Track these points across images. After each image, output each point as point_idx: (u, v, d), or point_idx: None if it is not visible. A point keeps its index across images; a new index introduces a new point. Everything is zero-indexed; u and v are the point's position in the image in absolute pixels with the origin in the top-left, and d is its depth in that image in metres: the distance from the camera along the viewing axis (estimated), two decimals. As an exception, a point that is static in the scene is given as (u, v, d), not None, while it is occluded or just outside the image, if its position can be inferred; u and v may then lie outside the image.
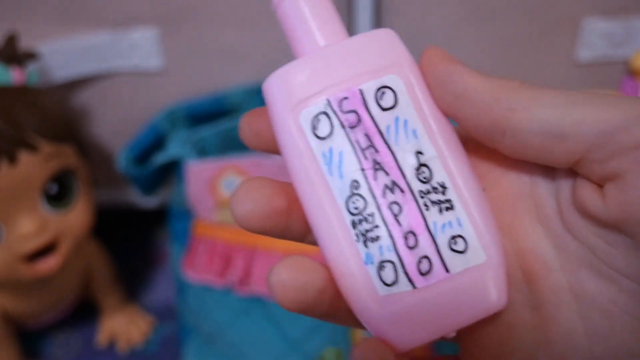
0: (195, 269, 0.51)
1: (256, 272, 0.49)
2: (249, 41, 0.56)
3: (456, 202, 0.19)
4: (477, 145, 0.21)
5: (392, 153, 0.19)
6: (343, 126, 0.19)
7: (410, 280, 0.19)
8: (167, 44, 0.56)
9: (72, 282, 0.57)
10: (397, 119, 0.19)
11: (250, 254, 0.50)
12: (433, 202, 0.19)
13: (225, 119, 0.56)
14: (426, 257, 0.19)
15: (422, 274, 0.19)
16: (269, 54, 0.57)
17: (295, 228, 0.20)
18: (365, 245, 0.19)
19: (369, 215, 0.19)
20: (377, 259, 0.19)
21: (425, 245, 0.19)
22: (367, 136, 0.19)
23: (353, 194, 0.19)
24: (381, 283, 0.19)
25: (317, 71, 0.20)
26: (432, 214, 0.19)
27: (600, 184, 0.18)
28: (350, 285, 0.19)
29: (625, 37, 0.55)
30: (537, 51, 0.56)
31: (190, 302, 0.54)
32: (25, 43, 0.52)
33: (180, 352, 0.58)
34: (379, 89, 0.20)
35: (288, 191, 0.20)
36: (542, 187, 0.20)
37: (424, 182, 0.19)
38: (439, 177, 0.19)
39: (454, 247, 0.19)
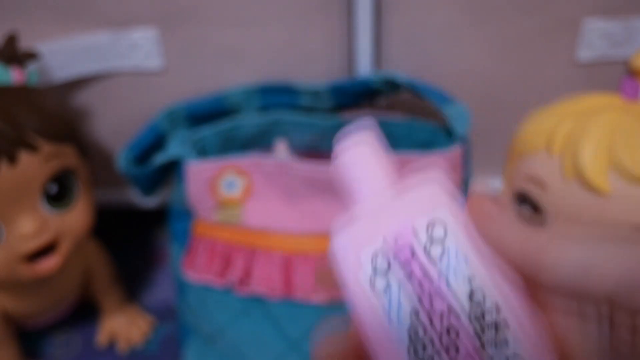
0: (195, 269, 0.51)
1: (256, 272, 0.49)
2: (249, 41, 0.56)
3: (511, 339, 0.20)
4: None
5: (446, 279, 0.21)
6: (399, 262, 0.21)
7: None
8: (167, 44, 0.56)
9: (72, 282, 0.57)
10: (447, 248, 0.21)
11: (250, 254, 0.50)
12: (490, 340, 0.20)
13: (225, 119, 0.56)
14: None
15: None
16: (269, 54, 0.57)
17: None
18: None
19: (427, 338, 0.20)
20: None
21: None
22: (422, 267, 0.21)
23: (412, 322, 0.21)
24: None
25: (374, 217, 0.22)
26: (489, 351, 0.20)
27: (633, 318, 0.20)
28: None
29: (625, 37, 0.55)
30: (538, 51, 0.56)
31: (190, 302, 0.54)
32: (25, 43, 0.52)
33: (180, 352, 0.58)
34: (430, 223, 0.22)
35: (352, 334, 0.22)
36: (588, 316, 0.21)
37: (477, 306, 0.20)
38: (491, 300, 0.20)
39: None
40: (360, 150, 0.24)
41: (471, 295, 0.20)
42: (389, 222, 0.22)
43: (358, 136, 0.24)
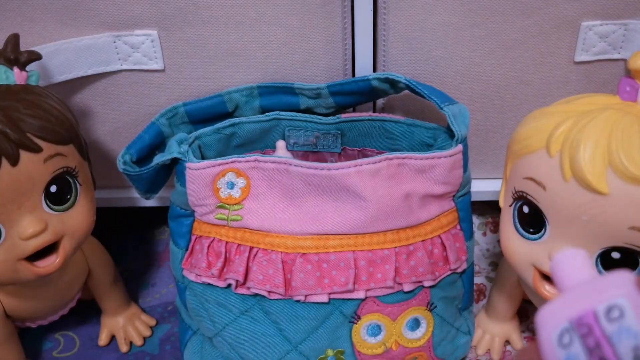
0: (195, 269, 0.51)
1: (256, 272, 0.49)
2: (249, 41, 0.56)
3: None
4: None
5: (614, 350, 0.27)
6: (579, 336, 0.28)
7: None
8: (167, 44, 0.56)
9: (72, 282, 0.57)
10: (620, 327, 0.27)
11: (250, 254, 0.50)
12: None
13: (225, 119, 0.56)
14: None
15: None
16: (268, 54, 0.57)
17: None
18: None
19: None
20: None
21: None
22: (597, 340, 0.28)
23: None
24: None
25: (568, 302, 0.30)
26: None
27: None
28: None
29: (624, 38, 0.55)
30: (537, 52, 0.56)
31: (190, 302, 0.54)
32: (26, 44, 0.52)
33: (180, 352, 0.58)
34: (608, 307, 0.28)
35: None
36: None
37: None
38: None
39: None
40: (579, 261, 0.34)
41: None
42: (578, 307, 0.29)
43: (579, 252, 0.35)
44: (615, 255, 0.42)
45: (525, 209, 0.46)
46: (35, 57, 0.51)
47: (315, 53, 0.57)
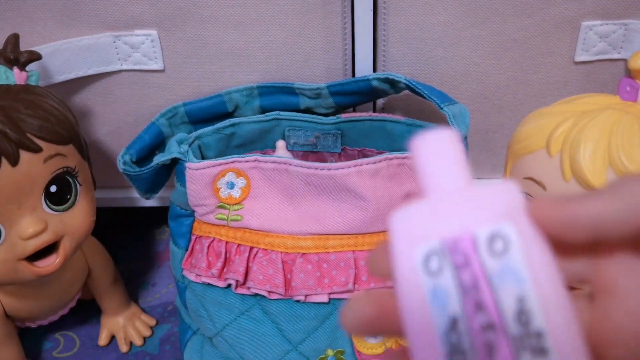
0: (195, 269, 0.51)
1: (256, 272, 0.49)
2: (249, 41, 0.56)
3: (550, 350, 0.20)
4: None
5: (495, 297, 0.20)
6: (451, 266, 0.21)
7: None
8: (167, 44, 0.56)
9: (72, 282, 0.57)
10: (504, 266, 0.21)
11: (250, 254, 0.50)
12: (528, 347, 0.20)
13: (225, 119, 0.56)
14: None
15: None
16: (268, 54, 0.57)
17: (395, 328, 0.23)
18: None
19: (463, 350, 0.20)
20: None
21: None
22: (473, 278, 0.21)
23: (452, 328, 0.20)
24: None
25: (437, 213, 0.22)
26: (525, 358, 0.20)
27: None
28: None
29: (624, 38, 0.55)
30: (537, 52, 0.56)
31: (190, 302, 0.54)
32: (26, 44, 0.52)
33: (180, 352, 0.58)
34: (491, 234, 0.21)
35: (382, 301, 0.23)
36: None
37: (522, 328, 0.20)
38: (537, 325, 0.20)
39: None
40: (441, 145, 0.23)
41: (518, 316, 0.20)
42: (451, 222, 0.22)
43: (442, 132, 0.24)
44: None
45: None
46: (35, 57, 0.51)
47: (315, 53, 0.57)
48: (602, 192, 0.21)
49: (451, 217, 0.22)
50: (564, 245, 0.22)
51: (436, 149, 0.23)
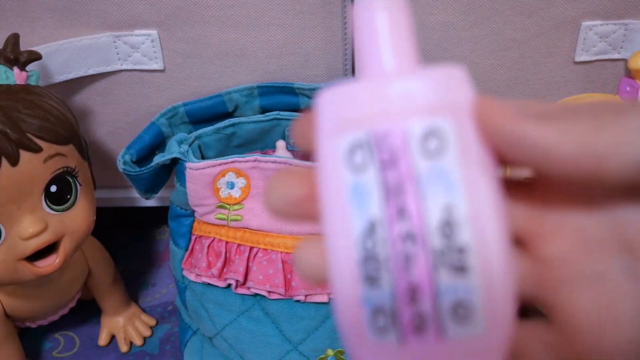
0: (195, 269, 0.51)
1: (256, 272, 0.49)
2: (249, 41, 0.56)
3: (473, 269, 0.18)
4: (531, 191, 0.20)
5: (421, 203, 0.18)
6: (377, 163, 0.18)
7: (400, 335, 0.18)
8: (167, 44, 0.56)
9: (72, 282, 0.57)
10: (436, 168, 0.18)
11: (250, 254, 0.50)
12: (448, 263, 0.18)
13: (225, 119, 0.56)
14: (424, 316, 0.18)
15: (415, 333, 0.18)
16: (268, 54, 0.57)
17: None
18: (367, 286, 0.18)
19: (378, 258, 0.18)
20: (374, 303, 0.18)
21: (426, 305, 0.18)
22: (399, 179, 0.18)
23: (369, 233, 0.18)
24: (372, 327, 0.18)
25: (369, 98, 0.19)
26: (443, 275, 0.18)
27: None
28: (343, 316, 0.19)
29: (624, 38, 0.55)
30: (537, 52, 0.56)
31: (190, 302, 0.54)
32: (26, 44, 0.52)
33: (180, 352, 0.58)
34: (426, 131, 0.18)
35: (313, 182, 0.20)
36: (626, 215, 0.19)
37: (445, 241, 0.18)
38: (462, 239, 0.18)
39: (457, 313, 0.18)
40: (383, 14, 0.20)
41: (443, 228, 0.18)
42: (382, 111, 0.18)
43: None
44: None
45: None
46: (35, 57, 0.51)
47: (315, 53, 0.57)
48: (563, 115, 0.18)
49: (383, 105, 0.19)
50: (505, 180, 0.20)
51: (377, 18, 0.20)
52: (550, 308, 0.20)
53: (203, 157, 0.54)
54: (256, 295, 0.50)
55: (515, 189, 0.21)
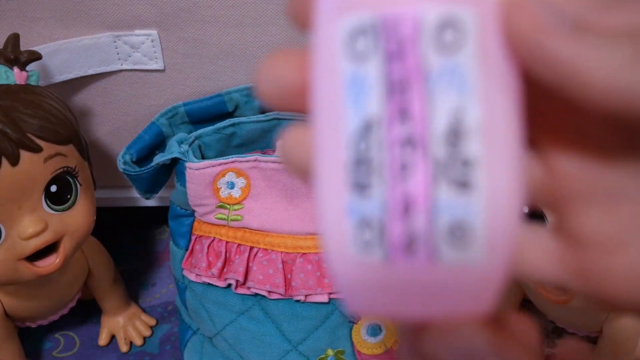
0: (195, 269, 0.51)
1: (256, 272, 0.49)
2: (249, 41, 0.56)
3: (477, 186, 0.15)
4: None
5: (427, 104, 0.15)
6: (382, 53, 0.16)
7: (387, 253, 0.16)
8: (167, 44, 0.56)
9: (72, 282, 0.57)
10: (449, 66, 0.15)
11: (250, 254, 0.50)
12: (450, 177, 0.15)
13: (225, 119, 0.56)
14: (416, 234, 0.16)
15: (404, 251, 0.16)
16: (269, 54, 0.57)
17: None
18: (354, 194, 0.16)
19: (371, 163, 0.16)
20: (360, 214, 0.16)
21: (420, 221, 0.16)
22: (405, 74, 0.16)
23: (364, 134, 0.16)
24: (355, 241, 0.16)
25: None
26: (443, 189, 0.15)
27: None
28: (325, 226, 0.17)
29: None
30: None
31: (190, 302, 0.54)
32: (26, 44, 0.52)
33: (180, 352, 0.58)
34: (443, 20, 0.15)
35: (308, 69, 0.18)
36: None
37: (449, 151, 0.15)
38: (470, 150, 0.15)
39: (453, 235, 0.16)
40: None
41: (448, 135, 0.15)
42: None
43: None
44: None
45: (524, 209, 0.46)
46: (36, 57, 0.51)
47: (315, 53, 0.57)
48: (613, 41, 0.15)
49: None
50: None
51: None
52: (560, 218, 0.18)
53: (203, 157, 0.54)
54: (256, 295, 0.50)
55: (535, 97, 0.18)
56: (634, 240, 0.17)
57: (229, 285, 0.50)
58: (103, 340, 0.62)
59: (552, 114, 0.18)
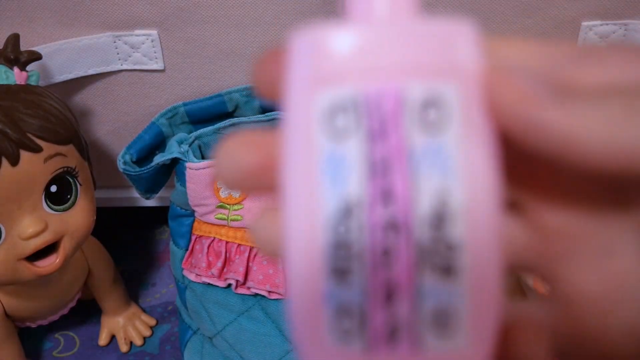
0: (195, 269, 0.51)
1: (256, 272, 0.49)
2: (249, 41, 0.56)
3: (462, 270, 0.15)
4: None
5: (411, 186, 0.15)
6: (363, 131, 0.15)
7: (367, 343, 0.15)
8: (167, 45, 0.56)
9: (72, 282, 0.57)
10: (433, 145, 0.15)
11: (251, 254, 0.50)
12: (434, 262, 0.15)
13: (225, 119, 0.56)
14: (399, 323, 0.15)
15: (386, 341, 0.15)
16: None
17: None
18: (332, 280, 0.15)
19: (350, 248, 0.15)
20: (339, 301, 0.15)
21: (403, 309, 0.15)
22: (388, 154, 0.15)
23: (343, 216, 0.15)
24: (333, 330, 0.15)
25: (359, 46, 0.15)
26: (427, 275, 0.15)
27: None
28: (299, 314, 0.16)
29: (624, 38, 0.55)
30: (536, 51, 0.56)
31: (190, 302, 0.54)
32: (26, 44, 0.52)
33: (180, 352, 0.58)
34: (426, 97, 0.15)
35: (267, 149, 0.17)
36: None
37: (433, 234, 0.15)
38: (454, 234, 0.15)
39: (438, 321, 0.15)
40: None
41: (431, 218, 0.15)
42: (373, 65, 0.15)
43: None
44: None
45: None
46: (36, 57, 0.51)
47: (315, 53, 0.57)
48: (591, 93, 0.15)
49: (374, 58, 0.15)
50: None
51: None
52: (551, 281, 0.18)
53: (203, 157, 0.54)
54: (256, 295, 0.50)
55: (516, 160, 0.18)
56: (626, 297, 0.17)
57: (229, 285, 0.50)
58: (103, 340, 0.62)
59: (538, 173, 0.17)
